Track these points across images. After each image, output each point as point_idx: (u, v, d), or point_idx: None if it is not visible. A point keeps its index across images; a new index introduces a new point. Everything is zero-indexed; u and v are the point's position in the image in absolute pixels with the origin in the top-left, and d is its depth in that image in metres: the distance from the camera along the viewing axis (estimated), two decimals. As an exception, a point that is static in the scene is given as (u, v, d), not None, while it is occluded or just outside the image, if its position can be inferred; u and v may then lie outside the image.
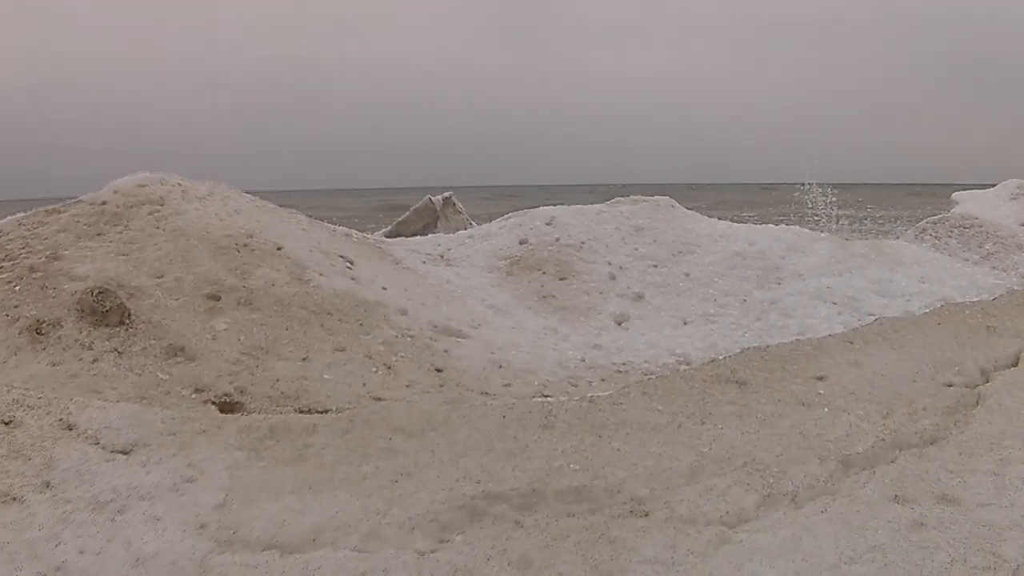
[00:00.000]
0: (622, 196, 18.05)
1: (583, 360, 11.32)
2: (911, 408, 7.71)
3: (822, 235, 17.47)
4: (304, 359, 9.90)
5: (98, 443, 6.75)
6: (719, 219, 18.03)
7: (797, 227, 17.73)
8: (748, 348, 9.78)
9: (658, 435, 6.87)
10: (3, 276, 10.49)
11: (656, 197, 17.79)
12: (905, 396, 8.07)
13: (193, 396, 8.92)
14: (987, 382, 8.76)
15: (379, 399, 9.20)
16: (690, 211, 17.80)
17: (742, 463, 6.45)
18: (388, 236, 18.69)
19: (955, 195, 26.94)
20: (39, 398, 6.87)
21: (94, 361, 9.24)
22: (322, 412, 8.53)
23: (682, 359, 11.29)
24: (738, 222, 18.62)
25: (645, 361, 11.31)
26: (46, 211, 12.07)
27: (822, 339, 9.88)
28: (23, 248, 11.11)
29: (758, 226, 17.49)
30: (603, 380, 10.37)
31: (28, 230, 11.60)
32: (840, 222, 21.89)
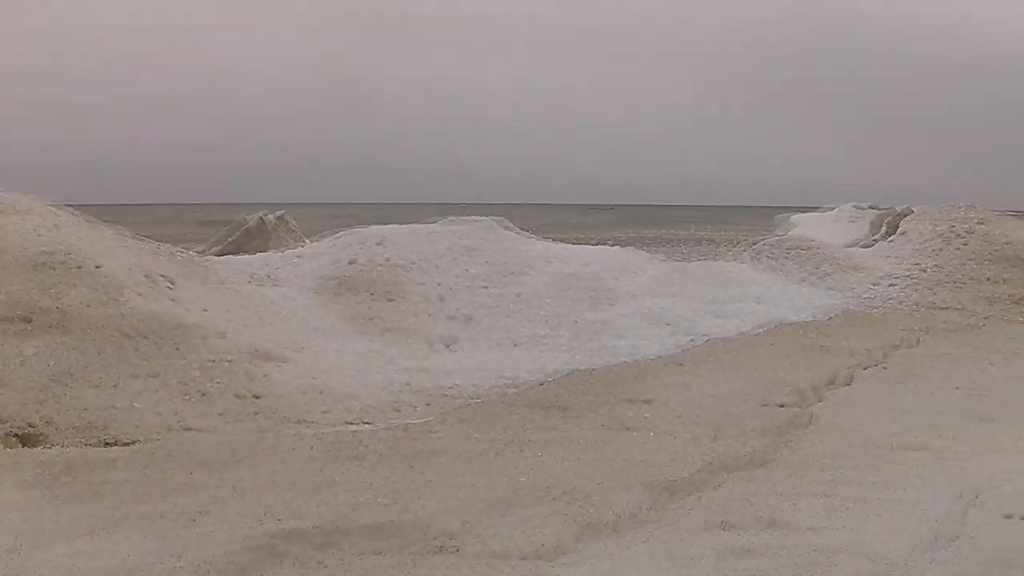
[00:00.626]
0: (455, 216, 17.84)
1: (408, 384, 10.89)
2: (740, 430, 7.59)
3: (657, 257, 17.50)
4: (115, 386, 9.25)
5: None
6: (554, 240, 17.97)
7: (632, 248, 17.78)
8: (574, 371, 9.54)
9: (473, 464, 6.57)
10: None
11: (488, 217, 17.61)
12: (735, 417, 7.97)
13: (-5, 427, 8.20)
14: (820, 401, 8.75)
15: (189, 429, 8.62)
16: (523, 232, 17.67)
17: (561, 492, 6.14)
18: (218, 256, 18.00)
19: (793, 218, 27.66)
20: None
21: None
22: (129, 444, 8.00)
23: (511, 382, 10.95)
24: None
25: (473, 384, 10.92)
26: None
27: (650, 361, 9.76)
28: None
29: (592, 247, 17.46)
30: (428, 405, 9.95)
31: None
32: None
